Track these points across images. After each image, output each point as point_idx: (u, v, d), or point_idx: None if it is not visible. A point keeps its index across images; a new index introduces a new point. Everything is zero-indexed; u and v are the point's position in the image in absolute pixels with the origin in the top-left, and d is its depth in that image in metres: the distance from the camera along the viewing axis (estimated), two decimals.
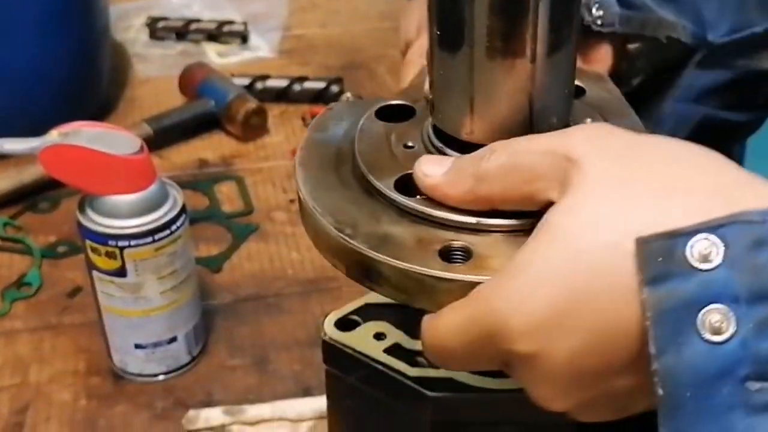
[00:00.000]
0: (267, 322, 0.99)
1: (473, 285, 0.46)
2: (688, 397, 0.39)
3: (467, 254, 0.49)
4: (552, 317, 0.42)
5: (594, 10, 0.73)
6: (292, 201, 1.17)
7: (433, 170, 0.50)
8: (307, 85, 1.36)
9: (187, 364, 0.93)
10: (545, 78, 0.51)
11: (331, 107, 0.63)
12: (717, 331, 0.38)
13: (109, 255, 0.83)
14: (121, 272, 0.84)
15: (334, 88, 1.35)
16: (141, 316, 0.87)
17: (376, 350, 0.62)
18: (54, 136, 0.81)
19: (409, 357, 0.61)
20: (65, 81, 1.24)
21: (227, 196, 1.18)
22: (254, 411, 0.87)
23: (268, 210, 1.16)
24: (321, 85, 1.36)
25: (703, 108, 1.03)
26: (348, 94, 0.66)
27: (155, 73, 1.44)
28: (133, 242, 0.83)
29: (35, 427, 0.87)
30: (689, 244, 0.39)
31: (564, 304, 0.42)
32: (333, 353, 0.64)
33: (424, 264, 0.48)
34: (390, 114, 0.59)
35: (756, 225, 0.39)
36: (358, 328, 0.64)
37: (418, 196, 0.52)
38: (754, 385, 0.38)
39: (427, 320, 0.48)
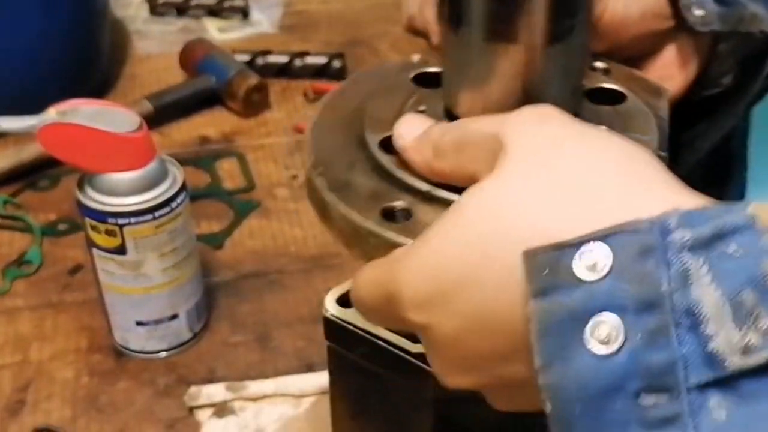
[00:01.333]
0: (269, 298, 0.99)
1: (397, 245, 0.48)
2: (577, 413, 0.38)
3: (408, 217, 0.50)
4: (438, 294, 0.43)
5: (695, 10, 0.71)
6: (293, 177, 1.17)
7: (408, 131, 0.51)
8: (309, 60, 1.35)
9: (188, 341, 0.93)
10: (542, 68, 0.51)
11: (386, 64, 0.66)
12: (605, 343, 0.37)
13: (109, 233, 0.83)
14: (121, 250, 0.84)
15: (336, 64, 1.34)
16: (142, 293, 0.87)
17: (377, 326, 0.62)
18: (52, 114, 0.80)
19: (411, 333, 0.60)
20: (65, 58, 1.23)
21: (228, 172, 1.18)
22: (256, 387, 0.87)
23: (270, 186, 1.15)
24: (322, 60, 1.35)
25: None
26: (416, 56, 0.67)
27: (155, 49, 1.44)
28: (132, 220, 0.82)
29: (37, 405, 0.87)
30: (576, 255, 0.38)
31: (450, 284, 0.42)
32: (334, 329, 0.64)
33: (363, 215, 0.51)
34: (431, 80, 0.60)
35: (643, 233, 0.37)
36: None
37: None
38: (648, 400, 0.36)
39: (357, 271, 0.49)
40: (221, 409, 0.86)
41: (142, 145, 0.83)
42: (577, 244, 0.38)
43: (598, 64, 0.63)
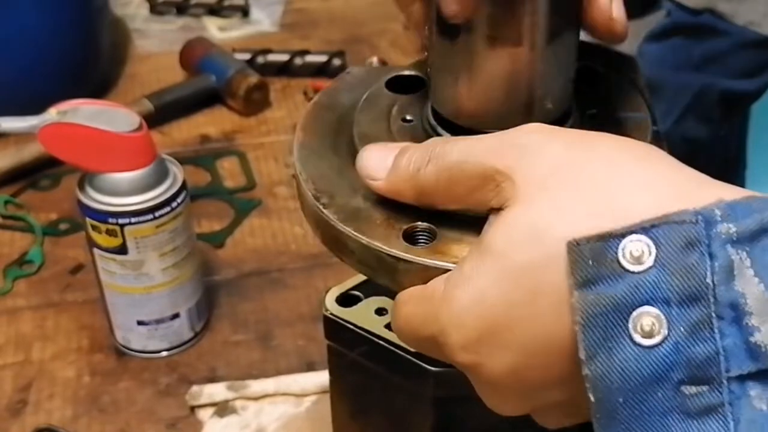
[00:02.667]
0: (270, 297, 0.99)
1: (430, 268, 0.47)
2: (620, 402, 0.38)
3: (432, 236, 0.49)
4: (488, 334, 0.42)
5: None
6: (294, 176, 1.16)
7: (375, 169, 0.49)
8: (309, 58, 1.35)
9: (190, 340, 0.93)
10: (544, 65, 0.51)
11: (349, 71, 0.63)
12: (649, 335, 0.38)
13: (110, 233, 0.83)
14: (122, 250, 0.84)
15: (336, 62, 1.34)
16: (143, 293, 0.87)
17: (377, 325, 0.62)
18: (52, 114, 0.81)
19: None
20: (65, 58, 1.23)
21: (229, 171, 1.18)
22: (258, 386, 0.87)
23: (271, 185, 1.16)
24: (323, 58, 1.35)
25: (703, 76, 1.03)
26: (374, 59, 0.66)
27: (155, 48, 1.44)
28: (133, 219, 0.83)
29: (39, 405, 0.87)
30: (621, 245, 0.38)
31: (500, 322, 0.42)
32: (334, 329, 0.64)
33: (386, 242, 0.49)
34: (402, 84, 0.59)
35: (688, 225, 0.37)
36: (359, 304, 0.64)
37: None
38: (690, 389, 0.37)
39: (394, 303, 0.49)
40: (223, 408, 0.86)
41: (143, 144, 0.83)
42: (621, 235, 0.38)
43: None
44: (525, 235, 0.42)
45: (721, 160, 1.24)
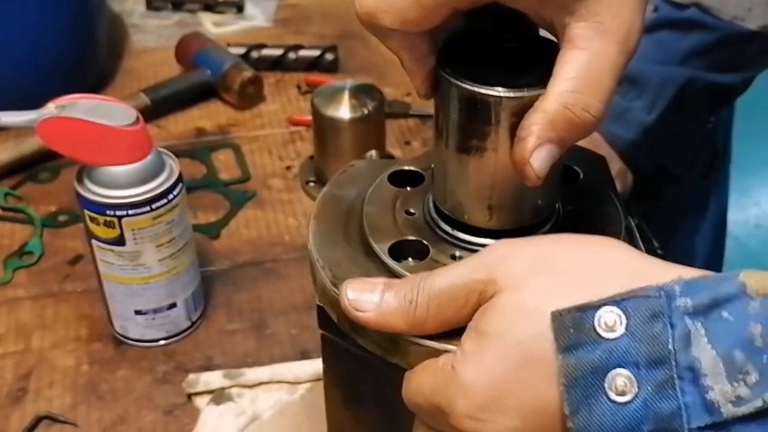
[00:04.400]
0: (265, 287, 1.01)
1: (438, 351, 0.52)
2: None
3: None
4: (490, 402, 0.48)
5: None
6: (288, 168, 1.18)
7: (363, 303, 0.53)
8: (302, 53, 1.37)
9: (186, 329, 0.95)
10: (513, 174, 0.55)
11: (352, 164, 0.68)
12: (622, 393, 0.44)
13: (108, 224, 0.85)
14: (119, 241, 0.86)
15: (329, 56, 1.36)
16: (140, 283, 0.89)
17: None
18: (51, 108, 0.82)
19: None
20: (63, 53, 1.25)
21: (224, 164, 1.20)
22: (253, 374, 0.89)
23: (265, 177, 1.17)
24: (316, 53, 1.37)
25: (688, 70, 1.04)
26: (372, 153, 0.71)
27: (152, 43, 1.45)
28: (131, 211, 0.84)
29: (39, 393, 0.89)
30: (596, 315, 0.45)
31: (500, 390, 0.48)
32: (328, 318, 0.65)
33: None
34: (402, 178, 0.64)
35: (653, 299, 0.44)
36: None
37: (409, 259, 0.58)
38: None
39: (407, 374, 0.54)
40: (219, 396, 0.87)
41: (139, 138, 0.84)
42: (597, 306, 0.45)
43: None
44: (516, 316, 0.48)
45: (708, 153, 1.25)
